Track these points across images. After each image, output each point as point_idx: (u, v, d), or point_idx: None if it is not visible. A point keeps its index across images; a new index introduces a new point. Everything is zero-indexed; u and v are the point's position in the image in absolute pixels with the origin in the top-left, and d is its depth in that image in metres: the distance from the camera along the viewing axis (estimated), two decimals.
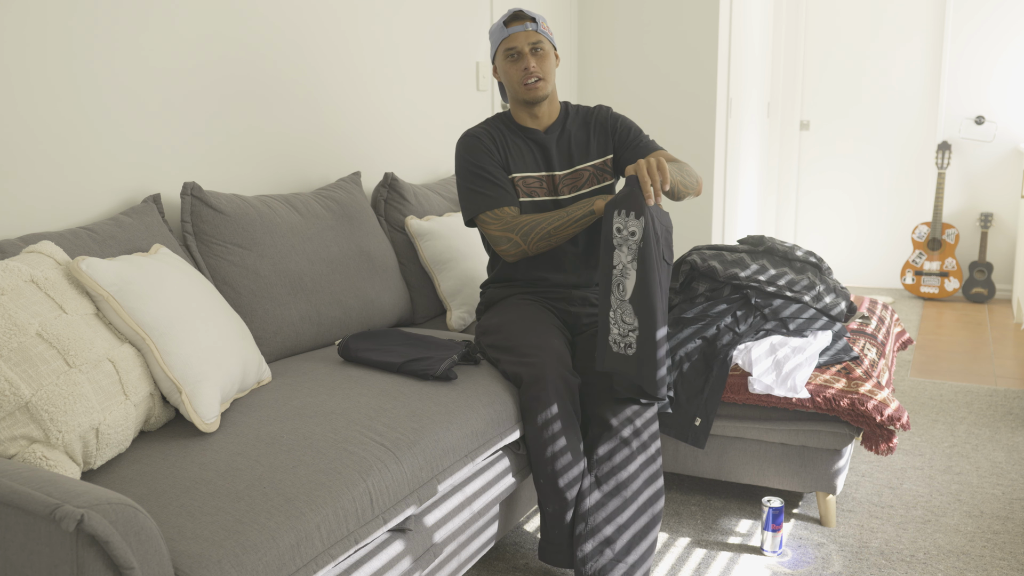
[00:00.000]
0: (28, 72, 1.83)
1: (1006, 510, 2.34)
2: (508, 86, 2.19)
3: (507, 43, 2.13)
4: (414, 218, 2.67)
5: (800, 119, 5.57)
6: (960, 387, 3.41)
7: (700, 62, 4.08)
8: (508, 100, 2.27)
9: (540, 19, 2.14)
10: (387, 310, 2.44)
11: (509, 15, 2.13)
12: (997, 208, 5.13)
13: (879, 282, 5.56)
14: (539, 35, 2.12)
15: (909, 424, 2.08)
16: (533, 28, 2.11)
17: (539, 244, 2.08)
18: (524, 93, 2.15)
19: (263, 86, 2.45)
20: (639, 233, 1.84)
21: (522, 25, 2.11)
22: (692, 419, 2.20)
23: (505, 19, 2.13)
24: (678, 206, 4.22)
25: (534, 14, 2.13)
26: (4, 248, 1.62)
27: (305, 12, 2.58)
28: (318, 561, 1.33)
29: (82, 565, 1.06)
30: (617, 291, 1.88)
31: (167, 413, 1.63)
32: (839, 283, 2.50)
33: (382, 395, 1.76)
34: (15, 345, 1.36)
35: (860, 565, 2.07)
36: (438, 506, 1.70)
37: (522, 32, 2.11)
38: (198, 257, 2.07)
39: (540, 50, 2.13)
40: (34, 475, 1.14)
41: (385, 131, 2.98)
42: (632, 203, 1.85)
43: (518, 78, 2.14)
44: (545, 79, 2.14)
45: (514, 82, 2.15)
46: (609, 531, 1.87)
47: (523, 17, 2.12)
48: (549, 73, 2.15)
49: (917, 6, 5.18)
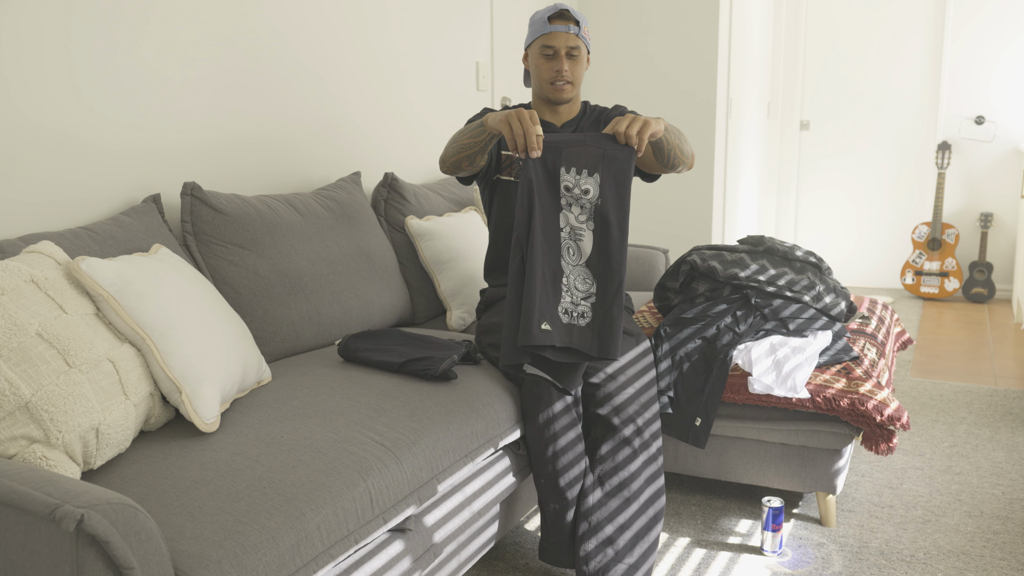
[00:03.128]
0: (28, 72, 1.82)
1: (1006, 510, 2.34)
2: (536, 80, 2.18)
3: (546, 39, 2.10)
4: (414, 218, 2.67)
5: (800, 119, 5.57)
6: (960, 387, 3.41)
7: (700, 62, 4.08)
8: (532, 91, 2.27)
9: (584, 23, 2.12)
10: (387, 310, 2.44)
11: (555, 11, 2.10)
12: (997, 208, 5.13)
13: (879, 282, 5.56)
14: (579, 40, 2.10)
15: (909, 424, 2.08)
16: (575, 32, 2.09)
17: (451, 155, 2.02)
18: (550, 92, 2.16)
19: (263, 86, 2.45)
20: (594, 191, 1.77)
21: (565, 26, 2.08)
22: (692, 419, 2.20)
23: (550, 14, 2.10)
24: (678, 206, 4.22)
25: (579, 16, 2.11)
26: (4, 248, 1.62)
27: (306, 13, 2.58)
28: (318, 561, 1.33)
29: (82, 565, 1.06)
30: (568, 255, 1.78)
31: (167, 413, 1.63)
32: (839, 283, 2.50)
33: (382, 395, 1.76)
34: (15, 345, 1.36)
35: (860, 565, 2.07)
36: (438, 506, 1.70)
37: (563, 33, 2.09)
38: (198, 257, 2.07)
39: (575, 55, 2.12)
40: (34, 475, 1.14)
41: (385, 131, 2.98)
42: (585, 160, 1.78)
43: (548, 76, 2.13)
44: (574, 83, 2.14)
45: (543, 79, 2.15)
46: (610, 530, 1.87)
47: (568, 18, 2.10)
48: (579, 78, 2.15)
49: (917, 6, 5.18)
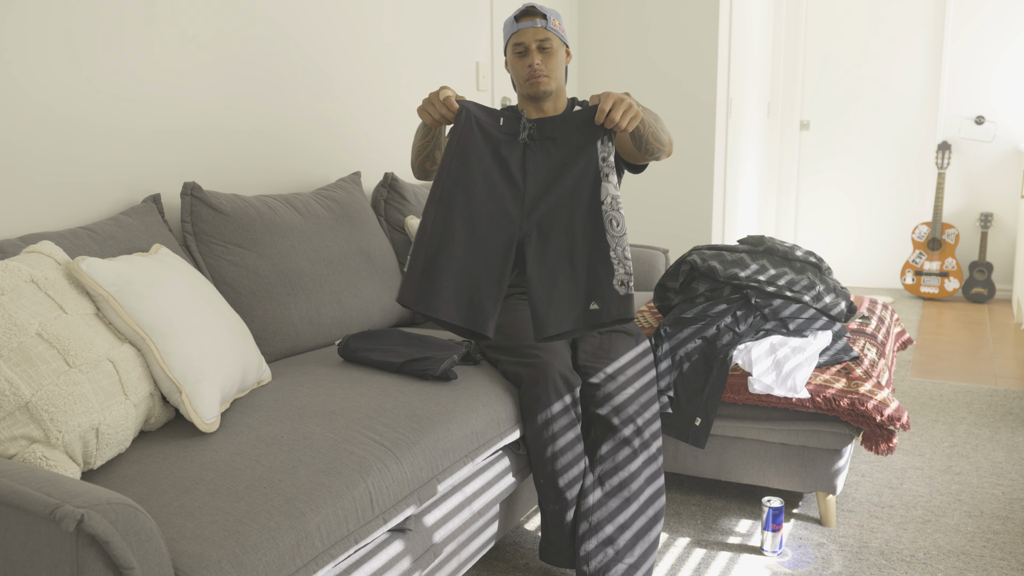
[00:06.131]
0: (28, 72, 1.82)
1: (1006, 510, 2.34)
2: (515, 79, 2.23)
3: (516, 38, 2.16)
4: (414, 218, 2.67)
5: (800, 119, 5.57)
6: (960, 387, 3.41)
7: (700, 62, 4.08)
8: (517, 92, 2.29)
9: (552, 15, 2.15)
10: (387, 310, 2.44)
11: (521, 10, 2.15)
12: (997, 208, 5.13)
13: (879, 282, 5.56)
14: (548, 32, 2.14)
15: (909, 424, 2.08)
16: (542, 25, 2.13)
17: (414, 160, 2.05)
18: (527, 88, 2.19)
19: (263, 86, 2.45)
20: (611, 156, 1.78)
21: (531, 21, 2.13)
22: (692, 419, 2.20)
23: (516, 14, 2.16)
24: (678, 206, 4.22)
25: (546, 10, 2.15)
26: (4, 248, 1.62)
27: (308, 12, 2.58)
28: (318, 561, 1.33)
29: (82, 565, 1.06)
30: (612, 228, 1.75)
31: (167, 413, 1.63)
32: (839, 283, 2.50)
33: (382, 395, 1.76)
34: (15, 345, 1.36)
35: (860, 565, 2.07)
36: (438, 506, 1.70)
37: (530, 28, 2.13)
38: (198, 257, 2.07)
39: (547, 48, 2.15)
40: (34, 475, 1.14)
41: (385, 131, 2.98)
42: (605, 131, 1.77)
43: (524, 73, 2.17)
44: (549, 76, 2.17)
45: (519, 76, 2.19)
46: (610, 530, 1.87)
47: (534, 13, 2.14)
48: (554, 70, 2.17)
49: (917, 6, 5.17)
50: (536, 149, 1.81)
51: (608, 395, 1.95)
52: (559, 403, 1.90)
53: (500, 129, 1.81)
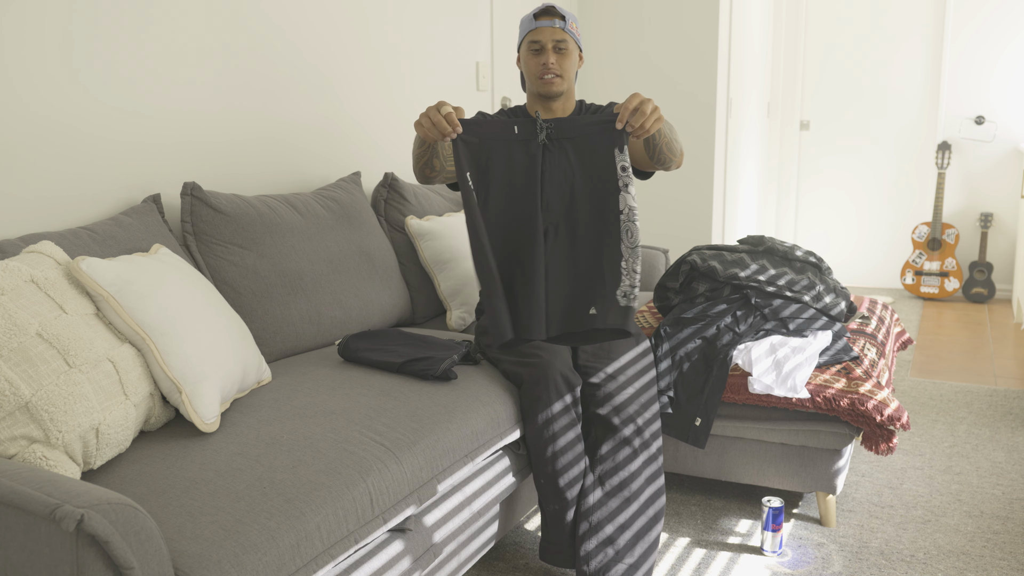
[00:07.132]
0: (28, 72, 1.82)
1: (1006, 510, 2.34)
2: (527, 76, 2.23)
3: (532, 35, 2.16)
4: (414, 218, 2.67)
5: (800, 119, 5.57)
6: (960, 387, 3.41)
7: (700, 62, 4.08)
8: (526, 90, 2.29)
9: (570, 18, 2.17)
10: (387, 310, 2.44)
11: (541, 9, 2.16)
12: (997, 208, 5.13)
13: (879, 282, 5.56)
14: (565, 33, 2.15)
15: (909, 424, 2.08)
16: (560, 26, 2.14)
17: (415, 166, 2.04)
18: (540, 86, 2.19)
19: (263, 86, 2.45)
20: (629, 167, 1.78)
21: (550, 21, 2.14)
22: (692, 419, 2.20)
23: (536, 12, 2.16)
24: (678, 206, 4.22)
25: (565, 12, 2.16)
26: (4, 248, 1.62)
27: (306, 12, 2.58)
28: (318, 561, 1.33)
29: (82, 565, 1.06)
30: (627, 238, 1.75)
31: (167, 413, 1.63)
32: (839, 283, 2.50)
33: (382, 395, 1.76)
34: (15, 345, 1.36)
35: (860, 565, 2.07)
36: (438, 506, 1.70)
37: (548, 28, 2.14)
38: (198, 257, 2.07)
39: (563, 49, 2.16)
40: (34, 475, 1.14)
41: (385, 131, 2.98)
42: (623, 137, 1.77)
43: (537, 71, 2.17)
44: (562, 76, 2.17)
45: (532, 74, 2.19)
46: (611, 530, 1.87)
47: (553, 13, 2.15)
48: (567, 71, 2.18)
49: (917, 6, 5.18)
50: (554, 149, 1.82)
51: (608, 395, 1.96)
52: (559, 403, 1.90)
53: (516, 137, 1.81)
